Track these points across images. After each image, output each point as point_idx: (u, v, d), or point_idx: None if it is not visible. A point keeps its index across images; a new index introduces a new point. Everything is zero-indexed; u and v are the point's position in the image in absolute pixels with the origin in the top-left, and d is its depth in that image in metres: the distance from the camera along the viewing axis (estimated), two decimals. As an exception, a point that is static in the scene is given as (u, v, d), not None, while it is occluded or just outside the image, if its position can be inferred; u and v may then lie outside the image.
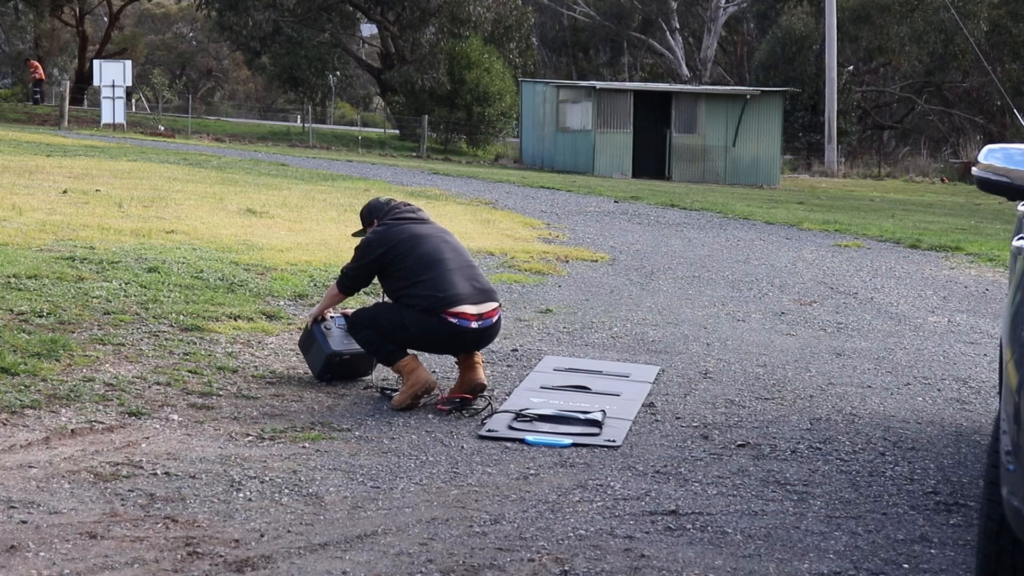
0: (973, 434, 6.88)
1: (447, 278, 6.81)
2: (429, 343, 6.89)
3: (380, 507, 5.09)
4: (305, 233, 13.20)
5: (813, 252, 15.31)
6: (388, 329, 6.81)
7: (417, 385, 6.70)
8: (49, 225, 11.85)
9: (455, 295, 6.78)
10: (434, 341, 6.86)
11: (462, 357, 6.92)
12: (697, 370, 8.12)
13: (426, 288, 6.77)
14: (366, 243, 7.00)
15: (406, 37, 44.57)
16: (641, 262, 13.42)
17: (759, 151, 35.16)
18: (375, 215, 7.13)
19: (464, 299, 6.80)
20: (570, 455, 6.03)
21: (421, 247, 6.89)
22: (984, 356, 9.14)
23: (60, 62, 61.57)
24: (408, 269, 6.83)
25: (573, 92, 36.65)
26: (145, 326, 7.94)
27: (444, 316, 6.74)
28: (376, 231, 7.02)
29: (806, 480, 5.79)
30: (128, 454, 5.56)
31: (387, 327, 6.81)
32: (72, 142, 28.97)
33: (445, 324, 6.74)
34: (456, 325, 6.75)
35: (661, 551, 4.71)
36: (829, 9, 40.39)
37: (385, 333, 6.82)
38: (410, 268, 6.83)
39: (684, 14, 56.21)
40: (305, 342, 7.26)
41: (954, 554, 4.87)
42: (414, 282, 6.80)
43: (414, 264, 6.83)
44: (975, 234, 18.58)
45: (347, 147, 39.11)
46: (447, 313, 6.74)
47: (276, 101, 60.85)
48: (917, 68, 50.11)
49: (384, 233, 6.97)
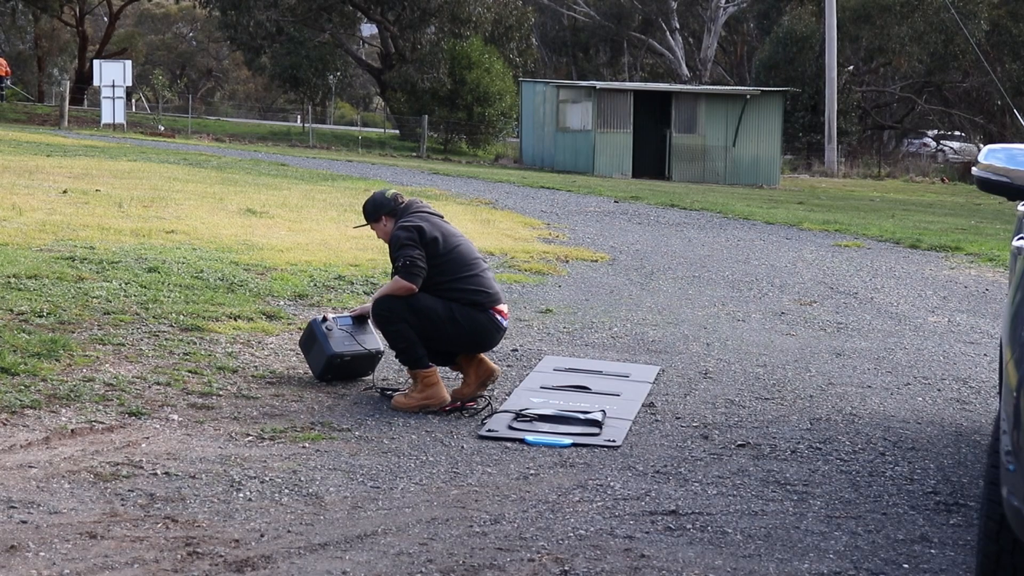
0: (973, 434, 6.88)
1: (487, 276, 6.94)
2: (471, 338, 6.83)
3: (380, 507, 5.09)
4: (305, 233, 13.20)
5: (813, 252, 15.31)
6: (433, 321, 6.72)
7: (432, 400, 6.69)
8: (49, 225, 11.85)
9: (496, 293, 6.92)
10: (477, 336, 6.83)
11: (471, 355, 6.95)
12: (697, 370, 8.12)
13: (473, 283, 6.81)
14: (415, 230, 6.79)
15: (406, 37, 44.57)
16: (641, 262, 13.42)
17: (759, 151, 35.16)
18: (383, 209, 7.01)
19: (501, 298, 6.97)
20: (570, 455, 6.03)
21: (460, 243, 6.92)
22: (984, 356, 9.14)
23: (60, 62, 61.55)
24: (453, 263, 6.81)
25: (573, 92, 36.65)
26: (145, 326, 7.94)
27: (492, 312, 6.84)
28: (414, 220, 6.86)
29: (806, 480, 5.79)
30: (128, 454, 5.56)
31: (433, 319, 6.72)
32: (72, 142, 28.97)
33: (492, 320, 6.84)
34: (500, 322, 6.90)
35: (661, 551, 4.71)
36: (829, 9, 40.39)
37: (426, 326, 6.72)
38: (455, 262, 6.81)
39: (684, 14, 56.20)
40: (306, 342, 7.25)
41: (954, 554, 4.87)
42: (459, 276, 6.80)
43: (458, 259, 6.83)
44: (975, 234, 18.57)
45: (347, 147, 39.11)
46: (494, 310, 6.85)
47: (276, 101, 60.84)
48: (917, 68, 50.09)
49: (429, 221, 6.87)
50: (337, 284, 10.19)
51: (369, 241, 13.03)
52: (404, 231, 6.81)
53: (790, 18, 48.04)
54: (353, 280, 10.41)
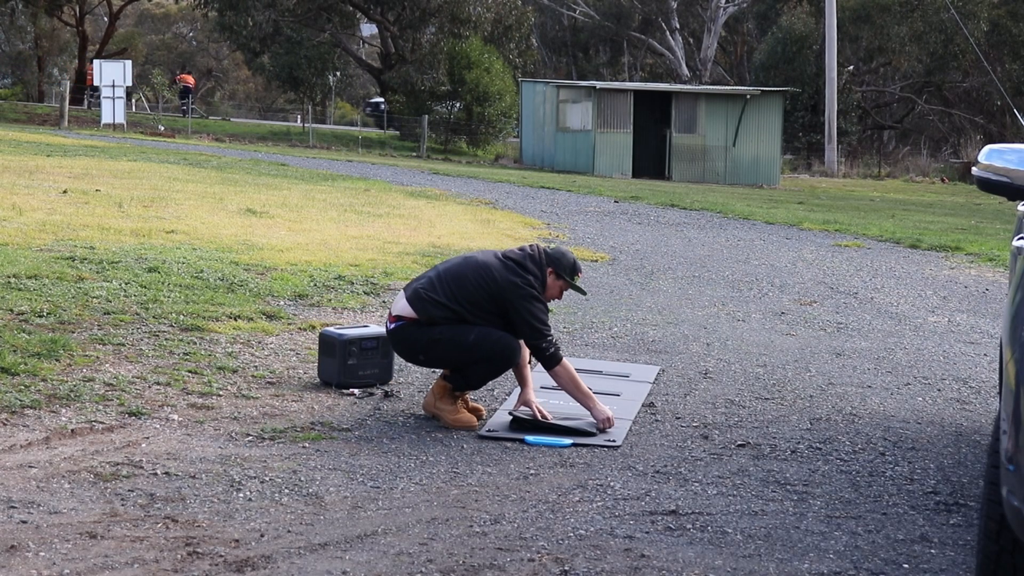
0: (973, 434, 6.88)
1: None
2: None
3: (380, 507, 5.09)
4: (305, 233, 13.20)
5: (813, 252, 15.31)
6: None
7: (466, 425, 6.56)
8: (49, 225, 11.85)
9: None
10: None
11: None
12: (697, 370, 8.12)
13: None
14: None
15: (406, 37, 44.58)
16: (641, 262, 13.42)
17: (759, 151, 35.17)
18: (557, 267, 6.59)
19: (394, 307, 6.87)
20: (570, 455, 6.03)
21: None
22: (984, 356, 9.14)
23: (60, 62, 61.56)
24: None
25: (573, 92, 36.65)
26: (145, 326, 7.93)
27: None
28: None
29: (806, 480, 5.79)
30: (128, 454, 5.55)
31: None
32: (72, 142, 28.97)
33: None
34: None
35: (661, 551, 4.71)
36: (829, 9, 40.39)
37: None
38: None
39: (684, 14, 56.21)
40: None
41: (954, 554, 4.87)
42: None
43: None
44: (975, 234, 18.57)
45: (347, 147, 39.11)
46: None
47: (276, 101, 60.86)
48: (917, 68, 50.11)
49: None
50: (337, 284, 10.19)
51: (369, 241, 13.04)
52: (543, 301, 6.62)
53: (788, 18, 48.07)
54: (353, 280, 10.41)
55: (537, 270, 6.54)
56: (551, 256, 6.60)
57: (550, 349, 6.41)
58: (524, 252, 6.61)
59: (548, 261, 6.58)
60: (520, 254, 6.59)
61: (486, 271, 6.50)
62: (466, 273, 6.52)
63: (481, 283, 6.47)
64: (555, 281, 6.59)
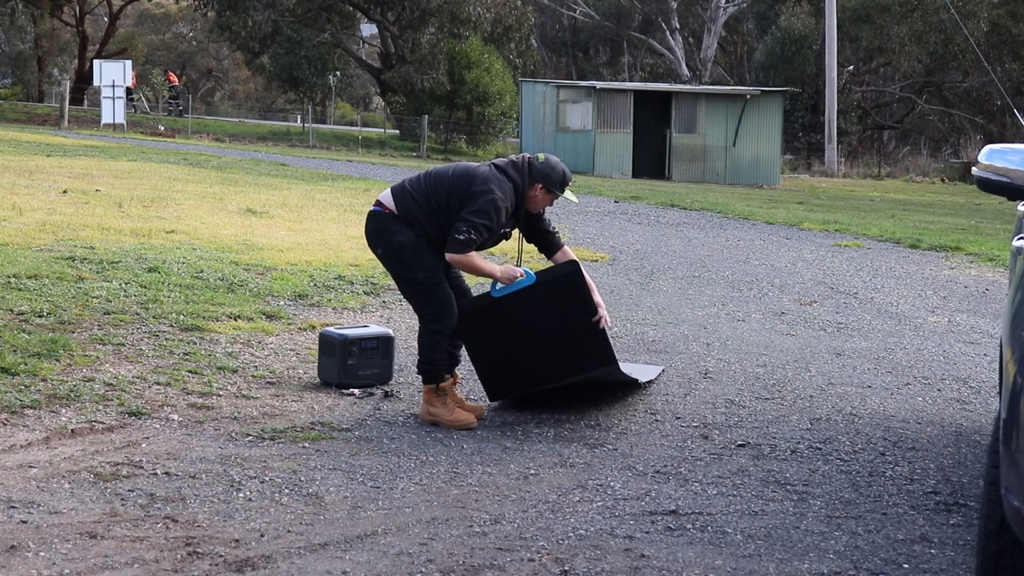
0: (973, 434, 6.88)
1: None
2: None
3: (380, 507, 5.09)
4: (305, 233, 13.20)
5: (813, 252, 15.30)
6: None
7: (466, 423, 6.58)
8: (49, 225, 11.85)
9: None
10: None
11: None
12: (697, 370, 8.12)
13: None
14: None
15: (406, 37, 44.54)
16: (641, 262, 13.42)
17: (759, 151, 35.16)
18: (546, 181, 6.58)
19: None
20: (570, 455, 6.03)
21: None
22: (984, 356, 9.14)
23: (60, 62, 61.54)
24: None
25: (573, 92, 36.64)
26: (145, 326, 7.93)
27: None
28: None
29: (806, 480, 5.79)
30: (128, 454, 5.55)
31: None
32: (72, 142, 28.96)
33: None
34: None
35: (661, 551, 4.71)
36: (829, 9, 40.39)
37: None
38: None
39: (684, 14, 56.21)
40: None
41: (954, 554, 4.87)
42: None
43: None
44: (975, 234, 18.57)
45: (347, 147, 39.10)
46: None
47: (276, 101, 60.82)
48: (917, 68, 50.11)
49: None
50: (337, 284, 10.19)
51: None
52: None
53: (787, 18, 48.06)
54: (353, 280, 10.41)
55: (518, 177, 6.51)
56: (540, 171, 6.55)
57: (462, 236, 6.34)
58: (510, 160, 6.62)
59: (538, 177, 6.54)
60: (506, 162, 6.61)
61: (468, 171, 6.50)
62: (448, 173, 6.54)
63: (456, 182, 6.44)
64: (545, 195, 6.62)
